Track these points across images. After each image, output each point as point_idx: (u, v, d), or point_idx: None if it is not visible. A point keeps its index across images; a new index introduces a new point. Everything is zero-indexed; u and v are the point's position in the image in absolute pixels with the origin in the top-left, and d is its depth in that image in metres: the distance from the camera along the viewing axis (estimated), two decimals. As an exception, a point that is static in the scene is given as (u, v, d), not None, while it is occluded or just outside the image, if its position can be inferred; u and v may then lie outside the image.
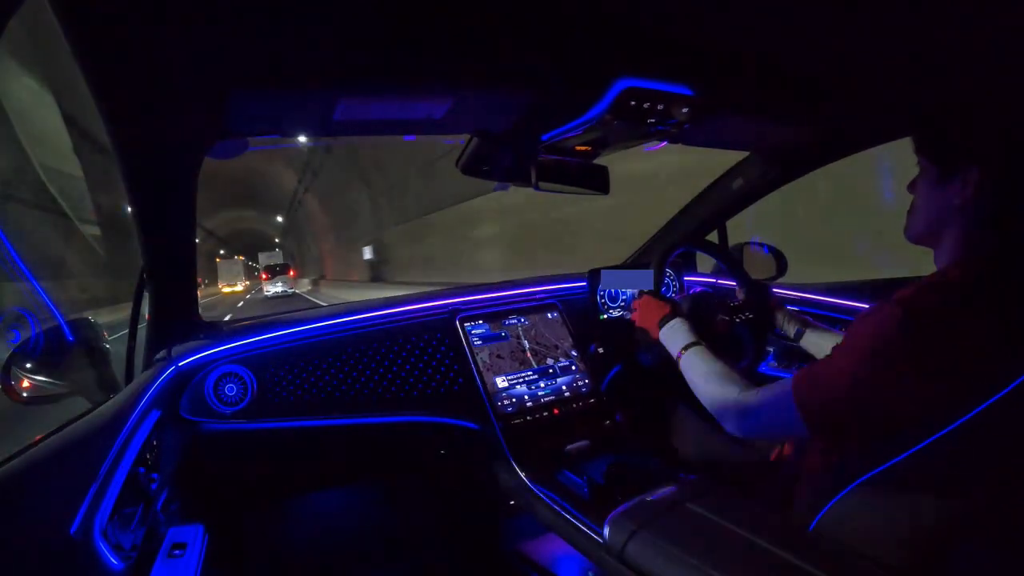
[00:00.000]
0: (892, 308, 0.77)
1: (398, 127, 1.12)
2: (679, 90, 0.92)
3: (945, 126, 0.87)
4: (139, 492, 0.81)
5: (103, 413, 0.87)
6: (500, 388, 1.37)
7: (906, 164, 0.93)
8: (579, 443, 1.33)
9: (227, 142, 1.01)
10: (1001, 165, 0.79)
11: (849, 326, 0.86)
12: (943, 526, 0.77)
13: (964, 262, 0.82)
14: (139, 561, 0.75)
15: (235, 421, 1.22)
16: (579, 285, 1.66)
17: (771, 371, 1.55)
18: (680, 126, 1.02)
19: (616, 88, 0.89)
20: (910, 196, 0.91)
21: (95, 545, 0.64)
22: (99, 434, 0.80)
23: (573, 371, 1.47)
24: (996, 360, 0.72)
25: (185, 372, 1.22)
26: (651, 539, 0.91)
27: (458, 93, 0.94)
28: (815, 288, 1.63)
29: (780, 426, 0.88)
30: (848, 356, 0.81)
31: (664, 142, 1.19)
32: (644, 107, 0.93)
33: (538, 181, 1.17)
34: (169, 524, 0.90)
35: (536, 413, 1.37)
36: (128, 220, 1.07)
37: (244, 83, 0.81)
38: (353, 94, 0.90)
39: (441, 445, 1.45)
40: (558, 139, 1.09)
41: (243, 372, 1.25)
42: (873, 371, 0.77)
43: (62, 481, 0.68)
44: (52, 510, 0.64)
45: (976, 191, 0.80)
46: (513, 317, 1.50)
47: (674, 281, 1.78)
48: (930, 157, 0.86)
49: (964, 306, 0.76)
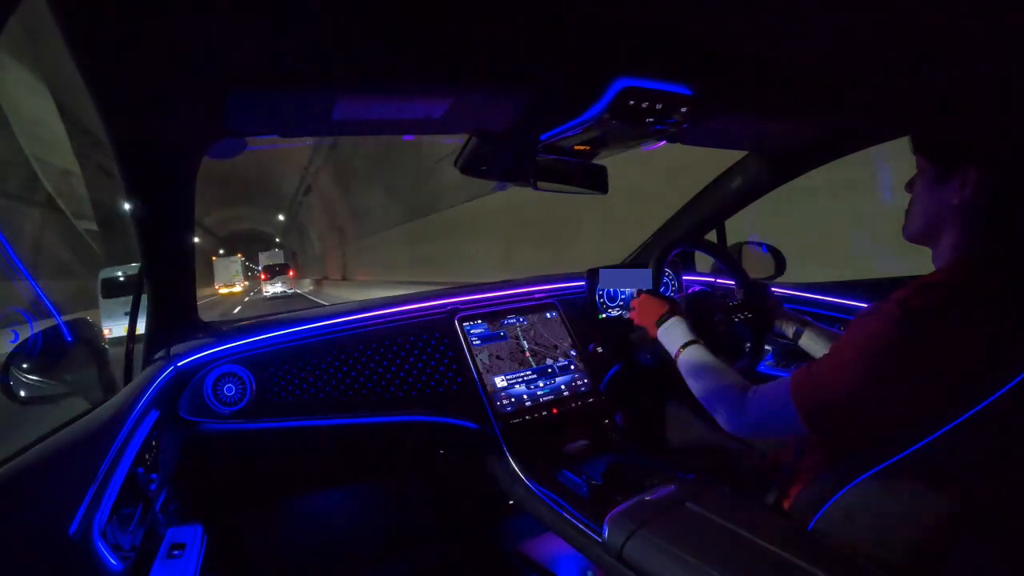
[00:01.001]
0: (890, 307, 0.77)
1: (397, 127, 1.12)
2: (678, 90, 0.92)
3: (943, 126, 0.88)
4: (138, 492, 0.81)
5: (102, 413, 0.87)
6: (499, 388, 1.37)
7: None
8: (578, 443, 1.33)
9: (226, 141, 1.01)
10: (999, 165, 0.79)
11: (847, 325, 0.86)
12: (942, 525, 0.77)
13: (962, 261, 0.83)
14: (138, 561, 0.75)
15: (234, 421, 1.22)
16: (578, 284, 1.66)
17: (770, 371, 1.56)
18: (679, 126, 1.02)
19: (614, 88, 0.89)
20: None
21: (94, 545, 0.64)
22: (98, 434, 0.80)
23: (572, 371, 1.47)
24: (994, 359, 0.72)
25: (184, 372, 1.22)
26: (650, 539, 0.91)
27: (457, 93, 0.94)
28: (814, 287, 1.63)
29: (778, 424, 0.88)
30: (846, 355, 0.81)
31: (662, 142, 1.19)
32: (643, 107, 0.93)
33: (536, 181, 1.17)
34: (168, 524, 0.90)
35: (535, 413, 1.37)
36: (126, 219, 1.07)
37: (243, 82, 0.81)
38: (352, 93, 0.90)
39: (440, 445, 1.45)
40: (557, 139, 1.09)
41: (242, 372, 1.25)
42: (871, 370, 0.77)
43: (61, 481, 0.68)
44: (51, 510, 0.63)
45: (974, 191, 0.80)
46: (512, 317, 1.50)
47: (673, 280, 1.79)
48: (928, 157, 0.86)
49: (962, 305, 0.76)
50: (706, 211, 1.74)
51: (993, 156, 0.80)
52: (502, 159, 1.20)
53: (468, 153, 1.18)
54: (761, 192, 1.62)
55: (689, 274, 1.85)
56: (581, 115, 0.96)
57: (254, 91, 0.84)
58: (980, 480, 0.76)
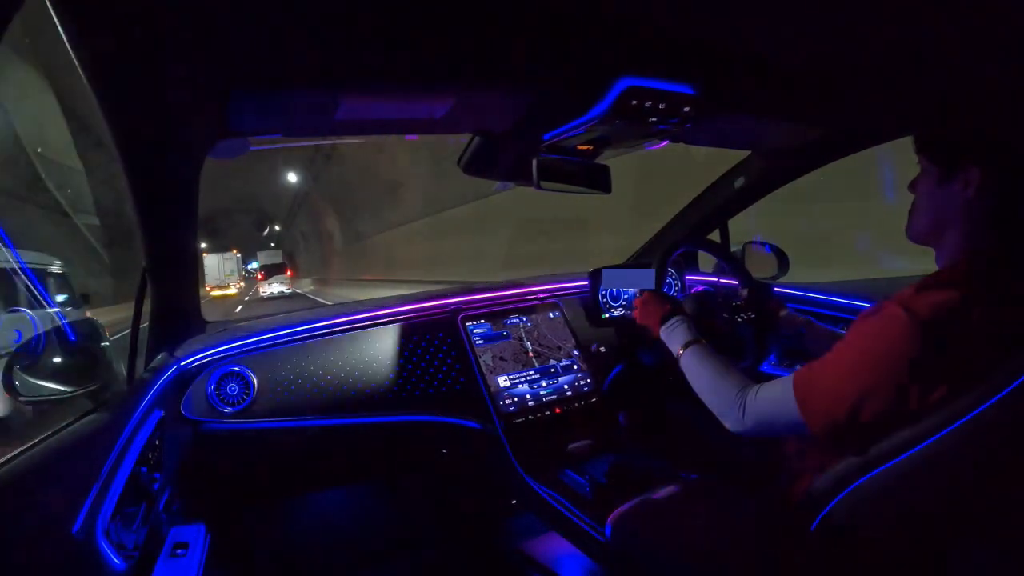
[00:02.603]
0: (893, 307, 0.77)
1: (400, 127, 1.12)
2: (681, 89, 0.92)
3: (946, 126, 0.87)
4: (141, 492, 0.81)
5: (105, 413, 0.87)
6: (502, 387, 1.37)
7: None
8: (581, 442, 1.33)
9: (229, 142, 1.01)
10: (1002, 165, 0.79)
11: (850, 325, 0.86)
12: (944, 525, 0.77)
13: (965, 261, 0.82)
14: (141, 561, 0.75)
15: (237, 420, 1.23)
16: (581, 284, 1.66)
17: (773, 370, 1.55)
18: (682, 125, 1.02)
19: (618, 87, 0.89)
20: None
21: (97, 545, 0.65)
22: (101, 434, 0.80)
23: (575, 370, 1.47)
24: (997, 359, 0.72)
25: (187, 372, 1.22)
26: (653, 539, 0.91)
27: (460, 93, 0.94)
28: (817, 287, 1.63)
29: (780, 424, 0.88)
30: (848, 355, 0.81)
31: (666, 141, 1.19)
32: (646, 106, 0.93)
33: (539, 180, 1.17)
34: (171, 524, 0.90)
35: (538, 412, 1.37)
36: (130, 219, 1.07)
37: (246, 83, 0.81)
38: (355, 94, 0.90)
39: (443, 444, 1.45)
40: (560, 138, 1.09)
41: (245, 372, 1.25)
42: (874, 370, 0.77)
43: (64, 481, 0.69)
44: (55, 510, 0.64)
45: (977, 191, 0.80)
46: (515, 316, 1.50)
47: (676, 280, 1.78)
48: (931, 157, 0.86)
49: (965, 306, 0.76)
50: (709, 211, 1.74)
51: (995, 156, 0.80)
52: (505, 159, 1.20)
53: (471, 153, 1.18)
54: (764, 192, 1.62)
55: (692, 274, 1.85)
56: (584, 115, 0.96)
57: (257, 91, 0.84)
58: (981, 480, 0.76)
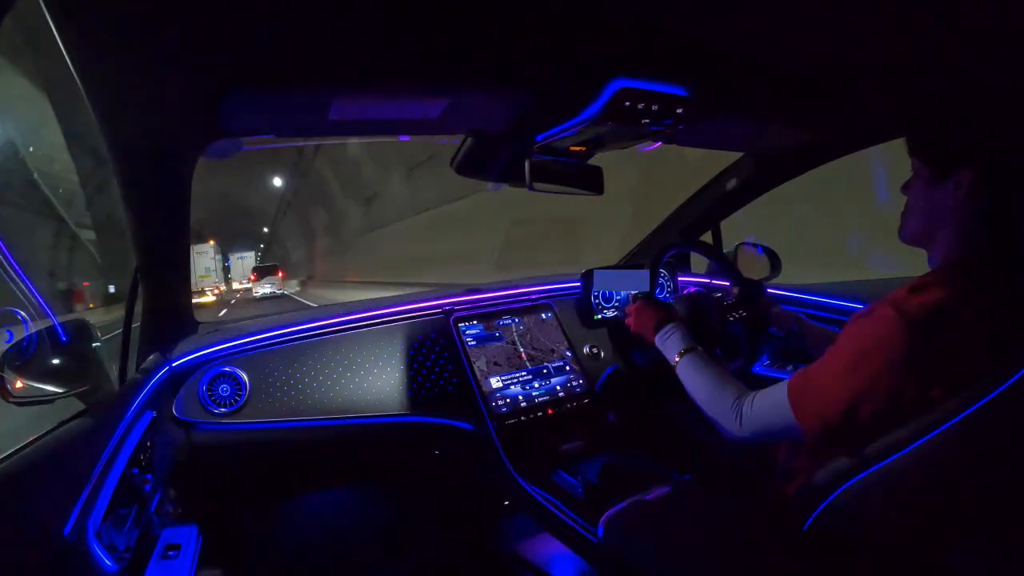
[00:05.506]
0: (885, 309, 0.78)
1: (393, 127, 1.12)
2: (673, 91, 0.93)
3: (938, 127, 0.88)
4: (133, 493, 0.80)
5: (97, 414, 0.87)
6: (494, 388, 1.37)
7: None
8: (573, 443, 1.33)
9: (222, 142, 1.01)
10: (994, 166, 0.80)
11: (843, 327, 0.86)
12: (938, 525, 0.77)
13: (958, 262, 0.83)
14: (133, 562, 0.75)
15: (229, 421, 1.22)
16: (573, 285, 1.66)
17: (765, 371, 1.56)
18: (674, 127, 1.02)
19: (611, 89, 0.89)
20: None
21: (89, 546, 0.64)
22: (93, 435, 0.80)
23: (567, 371, 1.48)
24: (989, 360, 0.72)
25: (179, 372, 1.22)
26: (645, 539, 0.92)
27: (453, 94, 0.94)
28: (809, 289, 1.64)
29: (777, 430, 0.89)
30: (842, 358, 0.82)
31: (658, 143, 1.19)
32: (639, 108, 0.94)
33: (532, 181, 1.17)
34: (163, 525, 0.89)
35: (530, 413, 1.37)
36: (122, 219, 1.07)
37: (239, 83, 0.81)
38: (348, 94, 0.90)
39: (436, 446, 1.45)
40: (552, 140, 1.09)
41: (237, 372, 1.25)
42: (867, 372, 0.78)
43: (56, 482, 0.68)
44: (46, 511, 0.63)
45: (969, 192, 0.80)
46: (507, 318, 1.50)
47: (668, 282, 1.79)
48: (923, 159, 0.86)
49: (957, 306, 0.77)
50: (701, 212, 1.75)
51: (988, 157, 0.80)
52: (498, 160, 1.20)
53: (464, 154, 1.18)
54: (757, 193, 1.63)
55: (684, 275, 1.85)
56: (577, 116, 0.97)
57: (250, 91, 0.84)
58: (975, 480, 0.76)
